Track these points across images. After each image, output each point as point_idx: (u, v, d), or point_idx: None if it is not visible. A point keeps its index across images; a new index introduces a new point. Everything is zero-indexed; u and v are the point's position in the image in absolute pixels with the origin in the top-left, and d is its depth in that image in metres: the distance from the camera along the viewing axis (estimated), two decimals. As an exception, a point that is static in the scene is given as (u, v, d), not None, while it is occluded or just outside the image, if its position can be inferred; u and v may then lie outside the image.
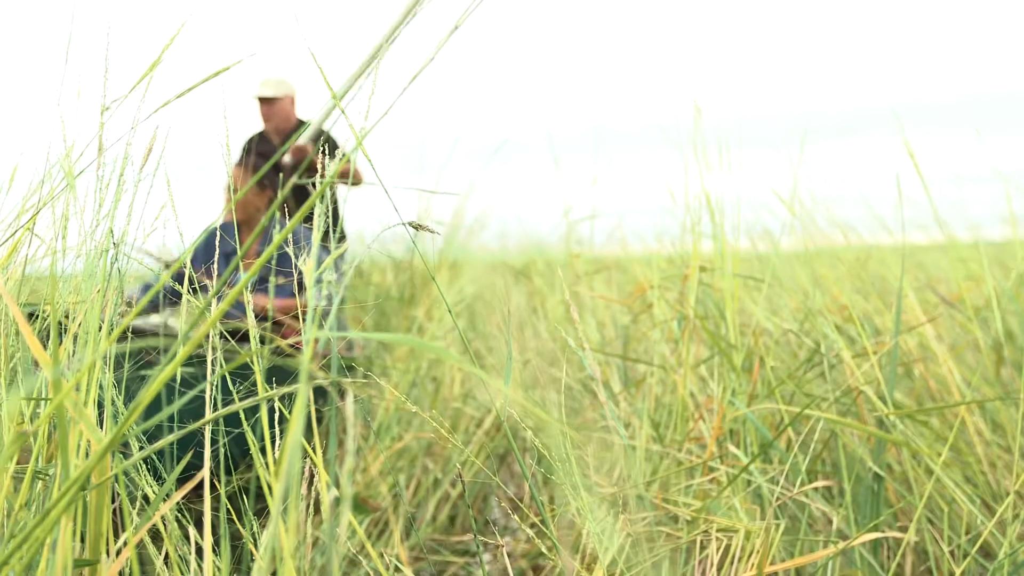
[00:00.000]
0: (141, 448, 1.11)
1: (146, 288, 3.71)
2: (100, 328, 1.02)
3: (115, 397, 1.09)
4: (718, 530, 2.00)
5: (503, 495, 3.28)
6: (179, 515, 1.08)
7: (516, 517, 1.61)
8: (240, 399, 1.21)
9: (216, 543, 0.99)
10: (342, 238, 5.05)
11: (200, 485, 1.04)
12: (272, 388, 1.01)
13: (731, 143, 2.82)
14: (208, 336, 1.20)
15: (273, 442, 1.06)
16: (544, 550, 1.68)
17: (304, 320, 3.93)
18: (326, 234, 5.00)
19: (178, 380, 1.64)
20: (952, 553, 2.36)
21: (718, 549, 1.97)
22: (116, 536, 0.97)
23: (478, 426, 3.56)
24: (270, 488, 1.00)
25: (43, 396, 0.98)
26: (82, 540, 0.96)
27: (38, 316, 1.32)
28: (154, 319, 3.05)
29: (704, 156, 2.80)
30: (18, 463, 0.99)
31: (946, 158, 3.99)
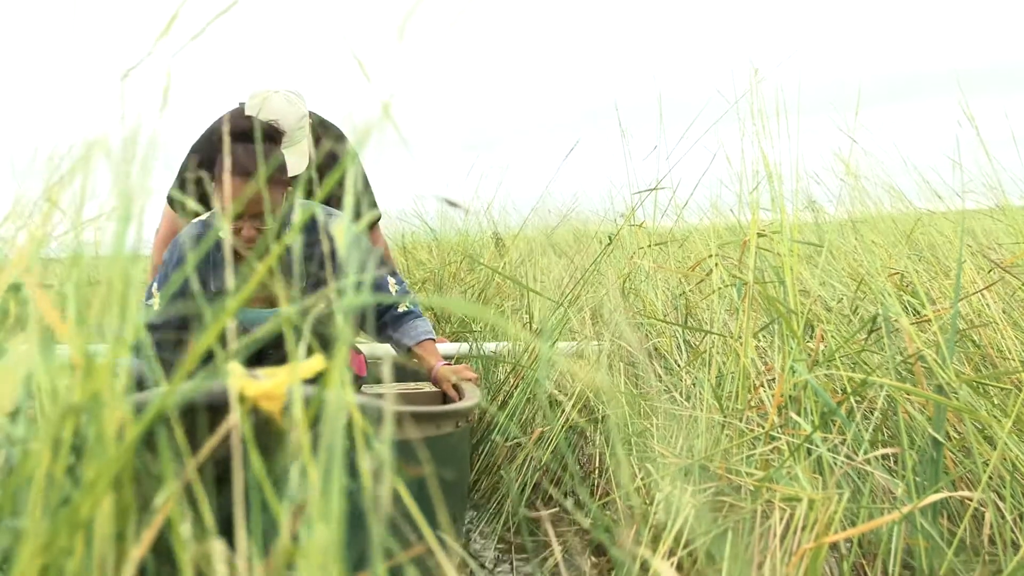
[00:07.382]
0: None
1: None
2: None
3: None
4: (781, 499, 1.99)
5: (576, 471, 3.24)
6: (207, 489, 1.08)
7: (581, 494, 1.61)
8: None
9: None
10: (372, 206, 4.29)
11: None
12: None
13: (790, 109, 2.77)
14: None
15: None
16: (604, 528, 1.67)
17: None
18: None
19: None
20: (1015, 521, 2.33)
21: (781, 519, 1.95)
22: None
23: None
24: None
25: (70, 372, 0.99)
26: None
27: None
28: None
29: (763, 122, 2.76)
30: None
31: (999, 121, 3.90)
